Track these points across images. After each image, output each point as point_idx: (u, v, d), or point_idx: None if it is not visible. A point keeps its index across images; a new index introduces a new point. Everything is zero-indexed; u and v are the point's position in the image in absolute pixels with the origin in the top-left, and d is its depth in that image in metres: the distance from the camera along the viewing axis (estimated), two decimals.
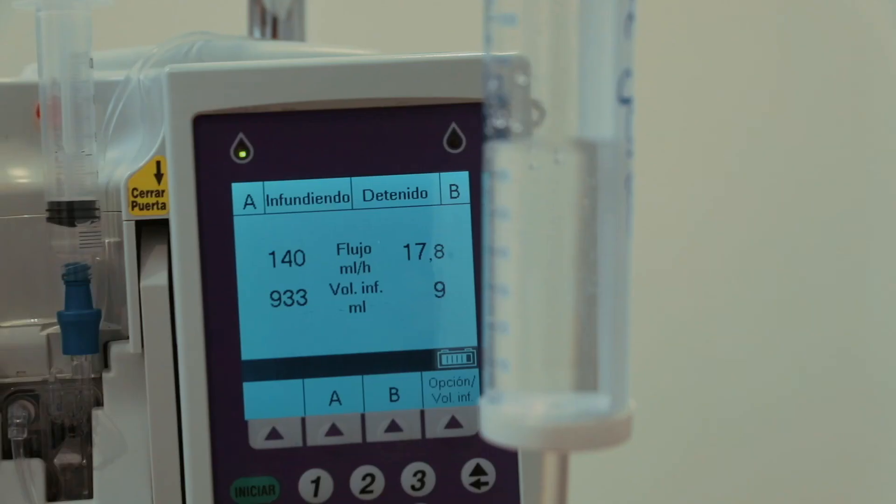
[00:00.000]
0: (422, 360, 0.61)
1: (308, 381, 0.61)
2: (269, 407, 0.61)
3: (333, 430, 0.61)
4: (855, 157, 1.28)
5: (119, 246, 0.63)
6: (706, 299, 1.28)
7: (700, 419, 1.28)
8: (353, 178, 0.61)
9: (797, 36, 1.28)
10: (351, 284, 0.61)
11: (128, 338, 0.62)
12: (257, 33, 0.84)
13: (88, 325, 0.63)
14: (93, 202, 0.63)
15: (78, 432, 0.64)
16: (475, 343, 0.61)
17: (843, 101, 1.28)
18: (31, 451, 0.63)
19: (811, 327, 1.29)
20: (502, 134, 0.43)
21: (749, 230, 1.28)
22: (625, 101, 0.42)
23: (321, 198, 0.61)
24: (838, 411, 1.28)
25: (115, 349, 0.63)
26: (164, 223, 0.61)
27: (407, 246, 0.61)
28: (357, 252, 0.61)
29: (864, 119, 1.29)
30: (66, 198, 0.63)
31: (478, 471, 0.62)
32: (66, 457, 0.63)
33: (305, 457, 0.61)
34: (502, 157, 0.43)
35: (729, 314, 1.28)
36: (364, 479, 0.61)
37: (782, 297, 1.29)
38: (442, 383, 0.61)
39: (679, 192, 1.22)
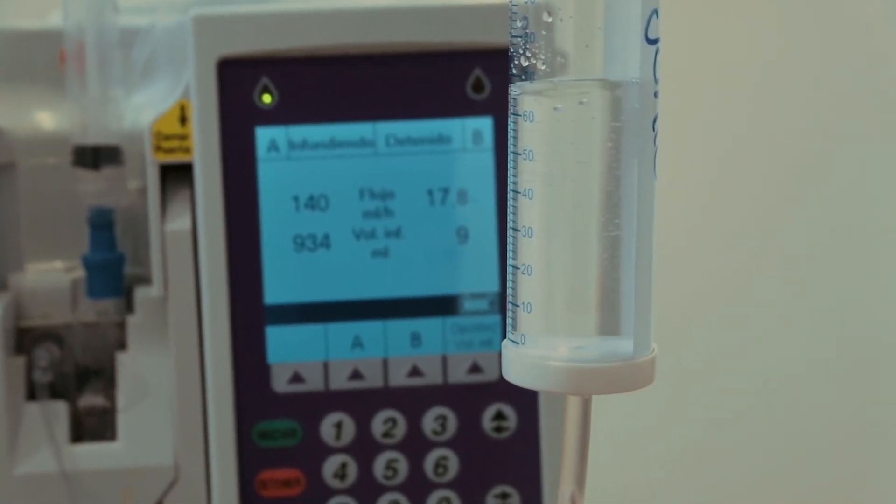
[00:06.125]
0: (444, 305, 0.61)
1: (330, 325, 0.61)
2: (291, 351, 0.61)
3: (355, 375, 0.61)
4: (872, 128, 1.27)
5: (143, 190, 0.63)
6: (722, 272, 1.27)
7: (718, 395, 1.28)
8: (376, 123, 0.61)
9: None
10: (374, 229, 0.61)
11: (152, 282, 0.62)
12: None
13: (113, 269, 0.63)
14: (117, 146, 0.64)
15: (102, 375, 0.64)
16: (497, 289, 0.61)
17: (856, 52, 1.27)
18: (55, 394, 0.64)
19: (831, 300, 1.28)
20: (527, 74, 0.43)
21: (763, 207, 1.27)
22: (652, 41, 0.42)
23: (345, 143, 0.61)
24: (859, 384, 1.28)
25: (140, 293, 0.64)
26: (189, 167, 0.62)
27: (430, 191, 0.61)
28: (380, 197, 0.61)
29: (881, 78, 1.27)
30: (91, 142, 0.63)
31: (499, 416, 0.62)
32: (90, 399, 0.64)
33: (327, 401, 0.61)
34: (527, 98, 0.43)
35: (743, 291, 1.28)
36: (386, 423, 0.61)
37: (799, 271, 1.28)
38: (464, 329, 0.62)
39: (687, 170, 1.22)
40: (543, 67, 0.42)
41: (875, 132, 1.27)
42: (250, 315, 0.61)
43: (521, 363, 0.44)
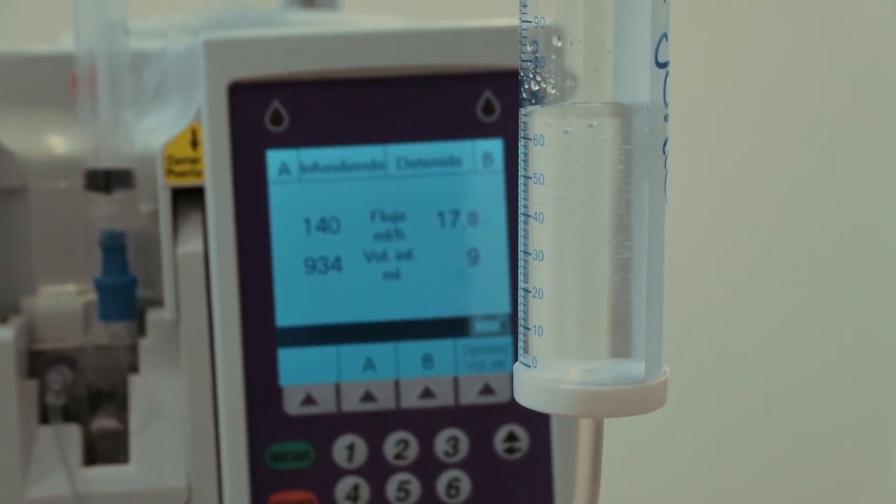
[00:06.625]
0: (455, 327, 0.61)
1: (342, 347, 0.61)
2: (303, 373, 0.61)
3: (367, 397, 0.61)
4: (876, 139, 1.27)
5: (155, 213, 0.64)
6: (726, 280, 1.27)
7: (722, 403, 1.28)
8: (387, 146, 0.61)
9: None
10: (385, 251, 0.61)
11: (164, 304, 0.63)
12: (294, 2, 0.84)
13: (125, 292, 0.63)
14: (129, 170, 0.64)
15: (115, 398, 0.64)
16: (508, 310, 0.61)
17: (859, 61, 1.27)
18: (68, 417, 0.64)
19: (835, 307, 1.28)
20: (538, 98, 0.43)
21: (768, 214, 1.27)
22: (662, 64, 0.42)
23: (355, 165, 0.61)
24: (864, 391, 1.27)
25: (152, 316, 0.64)
26: (200, 191, 0.62)
27: (441, 213, 0.61)
28: (391, 219, 0.61)
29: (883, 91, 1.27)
30: (102, 165, 0.63)
31: (511, 437, 0.62)
32: (103, 422, 0.64)
33: (340, 423, 0.61)
34: (537, 122, 0.43)
35: (747, 298, 1.28)
36: (398, 444, 0.61)
37: (803, 279, 1.28)
38: (475, 350, 0.62)
39: (692, 179, 1.22)
40: (553, 91, 0.42)
41: (879, 142, 1.27)
42: (262, 337, 0.61)
43: (532, 386, 0.44)
